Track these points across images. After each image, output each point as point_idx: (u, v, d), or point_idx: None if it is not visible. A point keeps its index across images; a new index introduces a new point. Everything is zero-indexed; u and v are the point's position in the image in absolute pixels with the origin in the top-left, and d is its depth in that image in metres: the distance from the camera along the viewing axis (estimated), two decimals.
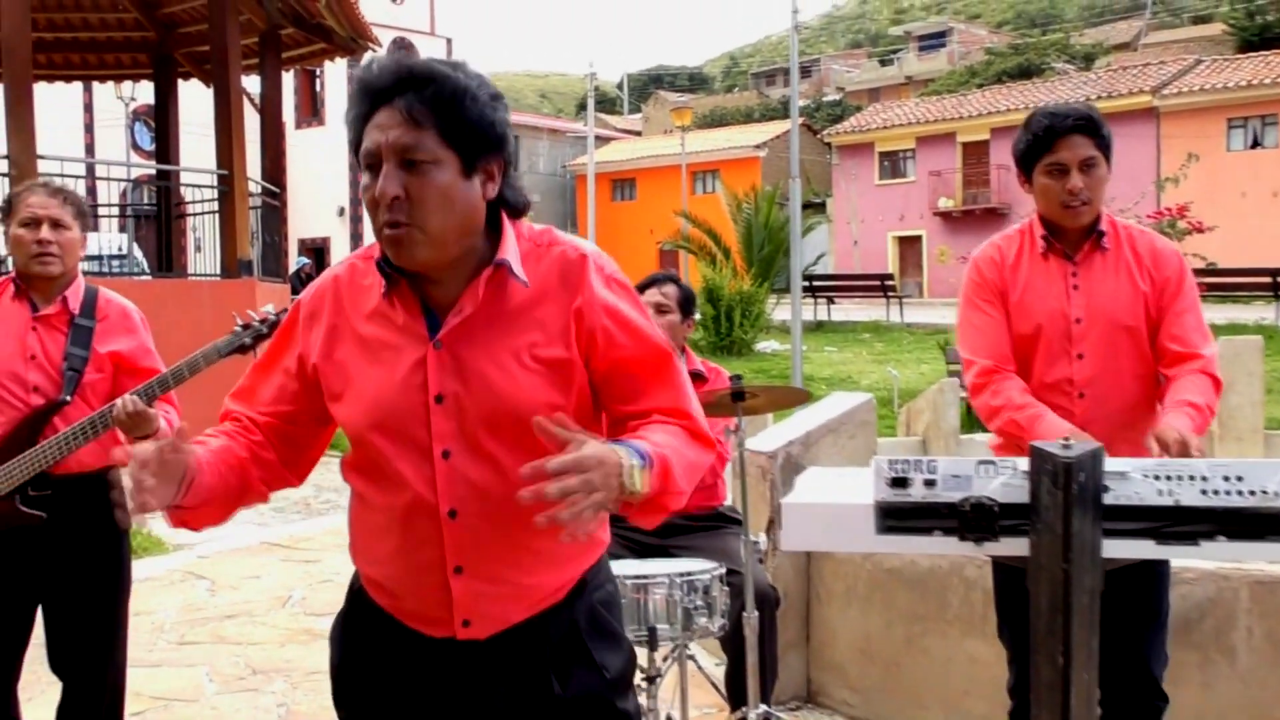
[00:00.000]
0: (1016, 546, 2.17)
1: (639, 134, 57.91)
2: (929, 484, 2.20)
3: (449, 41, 40.38)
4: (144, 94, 19.37)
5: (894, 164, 39.54)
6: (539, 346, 1.83)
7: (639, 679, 3.22)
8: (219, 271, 12.07)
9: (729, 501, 4.08)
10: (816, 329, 23.89)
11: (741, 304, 20.43)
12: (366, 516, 1.94)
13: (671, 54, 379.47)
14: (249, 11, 12.61)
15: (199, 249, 13.79)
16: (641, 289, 3.79)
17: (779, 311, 22.49)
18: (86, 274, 3.71)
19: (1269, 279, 22.52)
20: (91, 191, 18.76)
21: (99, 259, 14.15)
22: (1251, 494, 2.07)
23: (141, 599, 6.19)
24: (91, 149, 32.37)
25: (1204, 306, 3.10)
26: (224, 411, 1.99)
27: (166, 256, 14.43)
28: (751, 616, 3.55)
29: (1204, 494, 2.12)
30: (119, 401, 3.08)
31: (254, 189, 12.64)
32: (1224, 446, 8.04)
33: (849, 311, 26.27)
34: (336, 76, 37.16)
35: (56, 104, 19.76)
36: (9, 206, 3.30)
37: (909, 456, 2.21)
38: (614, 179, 45.25)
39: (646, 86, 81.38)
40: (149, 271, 15.13)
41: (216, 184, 12.11)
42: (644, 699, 3.41)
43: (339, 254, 36.57)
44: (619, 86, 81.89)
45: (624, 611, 2.31)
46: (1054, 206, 2.99)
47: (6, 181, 10.33)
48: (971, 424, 11.79)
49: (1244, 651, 3.49)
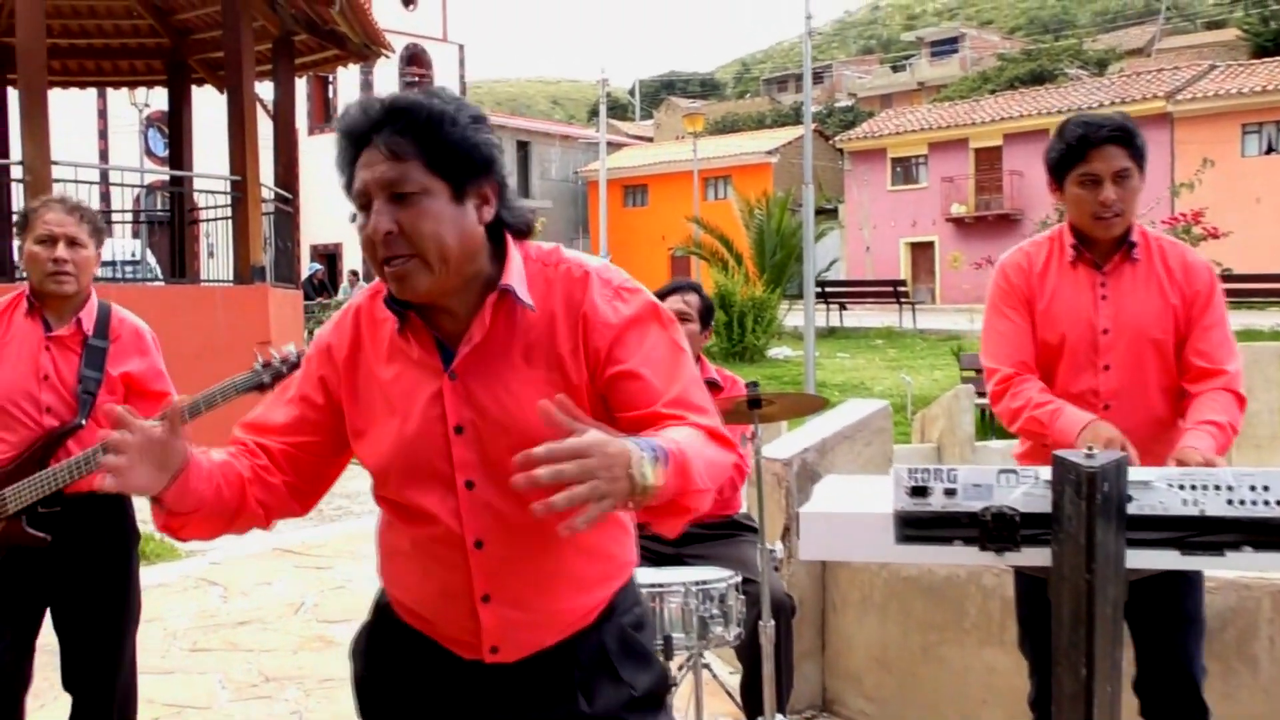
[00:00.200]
0: (1038, 556, 2.14)
1: (651, 140, 58.00)
2: (949, 493, 2.17)
3: (461, 48, 40.45)
4: (158, 100, 19.44)
5: (906, 170, 39.49)
6: (551, 369, 1.81)
7: None
8: (232, 277, 12.07)
9: (744, 509, 4.06)
10: (829, 335, 23.83)
11: (753, 310, 20.40)
12: (394, 542, 1.94)
13: (683, 60, 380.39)
14: (262, 18, 12.64)
15: (212, 255, 13.81)
16: (663, 295, 3.77)
17: (791, 318, 22.45)
18: (100, 280, 3.69)
19: None
20: (105, 197, 18.82)
21: (112, 265, 14.19)
22: (1279, 504, 2.04)
23: (154, 605, 6.19)
24: (106, 155, 32.50)
25: None
26: (232, 439, 1.96)
27: (180, 262, 14.45)
28: (767, 625, 3.52)
29: (1230, 504, 2.09)
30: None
31: (267, 195, 12.66)
32: (1242, 454, 7.99)
33: (861, 317, 26.20)
34: (349, 83, 37.23)
35: (71, 110, 19.87)
36: (26, 221, 3.27)
37: (929, 465, 2.18)
38: (626, 185, 45.28)
39: (658, 93, 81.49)
40: (162, 278, 15.14)
41: (229, 190, 12.13)
42: None
43: (351, 260, 36.63)
44: (631, 93, 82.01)
45: None
46: (1085, 217, 2.95)
47: (21, 188, 10.38)
48: (986, 430, 11.77)
49: (1266, 661, 3.45)
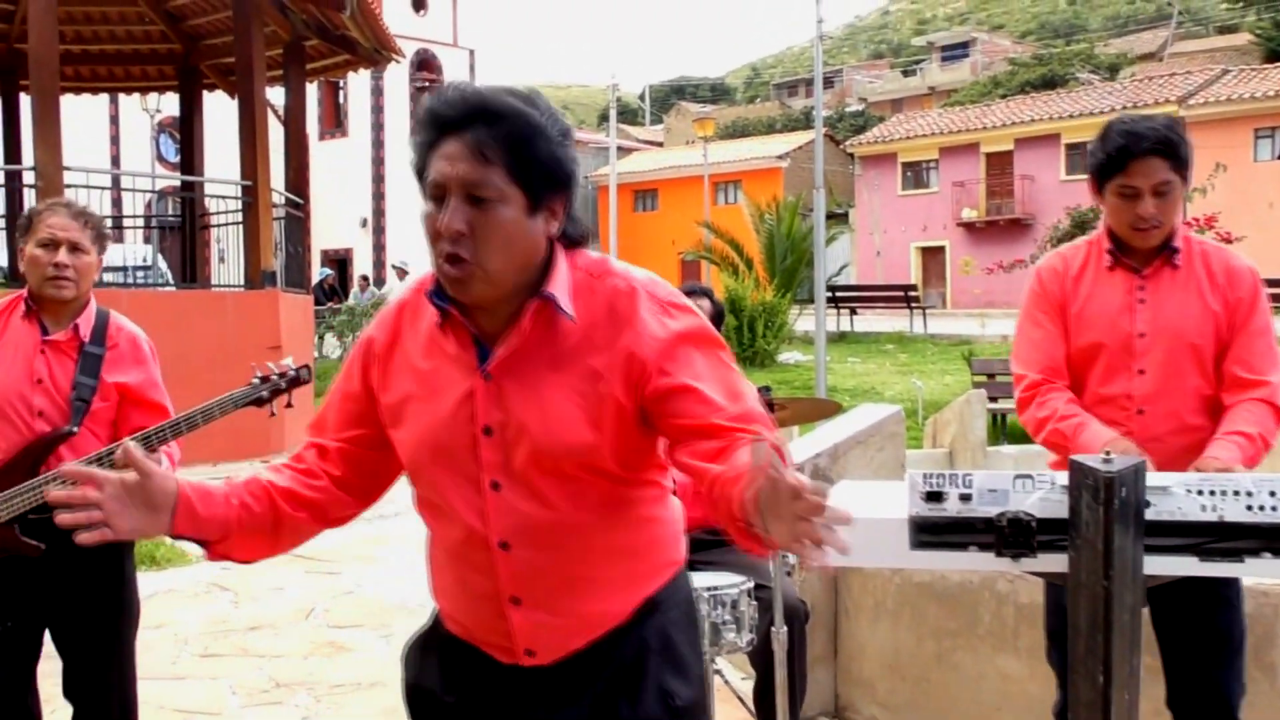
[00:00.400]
0: (1055, 563, 2.12)
1: (661, 145, 58.00)
2: (964, 498, 2.16)
3: (471, 53, 40.46)
4: (169, 106, 19.48)
5: (917, 174, 39.45)
6: (583, 380, 1.78)
7: None
8: (243, 282, 12.11)
9: None
10: (839, 340, 23.78)
11: (764, 315, 20.36)
12: (433, 550, 1.96)
13: (693, 65, 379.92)
14: (273, 23, 12.68)
15: (223, 260, 13.85)
16: None
17: (801, 322, 22.41)
18: (111, 285, 3.68)
19: None
20: (117, 203, 18.87)
21: (124, 270, 14.23)
22: None
23: (165, 611, 6.19)
24: (117, 160, 32.60)
25: None
26: (305, 443, 2.01)
27: (191, 267, 14.49)
28: (780, 631, 3.50)
29: (1249, 510, 2.07)
30: (120, 450, 3.00)
31: (277, 200, 12.68)
32: (1274, 460, 7.92)
33: (872, 322, 26.15)
34: (360, 88, 37.34)
35: (83, 116, 19.91)
36: (29, 224, 3.23)
37: (943, 470, 2.16)
38: (636, 190, 45.28)
39: (668, 97, 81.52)
40: (173, 282, 15.19)
41: (240, 195, 12.17)
42: None
43: (362, 265, 36.71)
44: (641, 97, 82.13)
45: None
46: (1123, 226, 2.90)
47: (34, 193, 10.41)
48: (998, 435, 11.72)
49: None
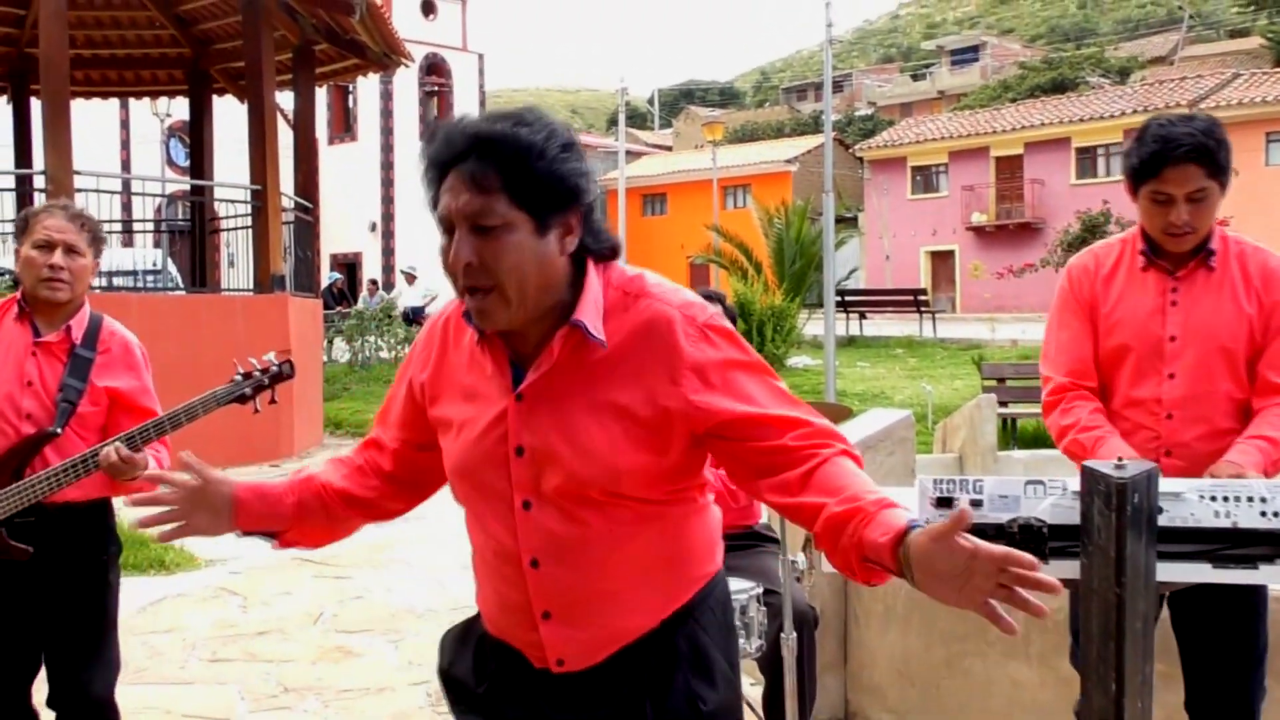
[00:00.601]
0: (1066, 569, 2.11)
1: (670, 149, 58.07)
2: (975, 504, 2.14)
3: (480, 57, 40.54)
4: (179, 110, 19.55)
5: (926, 178, 39.40)
6: (618, 409, 1.79)
7: None
8: (252, 286, 12.13)
9: (764, 520, 4.03)
10: (848, 344, 23.73)
11: (773, 319, 20.30)
12: (474, 558, 2.00)
13: (702, 69, 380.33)
14: (283, 28, 12.71)
15: (232, 264, 13.89)
16: None
17: (810, 326, 22.37)
18: (121, 289, 3.68)
19: None
20: (127, 207, 18.91)
21: (134, 274, 14.26)
22: None
23: (173, 615, 6.20)
24: (127, 165, 32.70)
25: None
26: (368, 436, 2.13)
27: (200, 272, 14.53)
28: (789, 637, 3.48)
29: (1263, 516, 2.05)
30: (105, 450, 2.99)
31: (287, 204, 12.72)
32: None
33: (881, 327, 26.09)
34: (369, 92, 37.42)
35: (93, 120, 19.95)
36: (25, 225, 3.22)
37: (954, 476, 2.15)
38: (645, 194, 45.29)
39: (677, 102, 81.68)
40: (183, 287, 15.23)
41: (250, 199, 12.20)
42: None
43: (371, 269, 36.76)
44: (650, 102, 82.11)
45: None
46: (1156, 231, 2.85)
47: (44, 197, 10.44)
48: (1008, 440, 11.68)
49: None
